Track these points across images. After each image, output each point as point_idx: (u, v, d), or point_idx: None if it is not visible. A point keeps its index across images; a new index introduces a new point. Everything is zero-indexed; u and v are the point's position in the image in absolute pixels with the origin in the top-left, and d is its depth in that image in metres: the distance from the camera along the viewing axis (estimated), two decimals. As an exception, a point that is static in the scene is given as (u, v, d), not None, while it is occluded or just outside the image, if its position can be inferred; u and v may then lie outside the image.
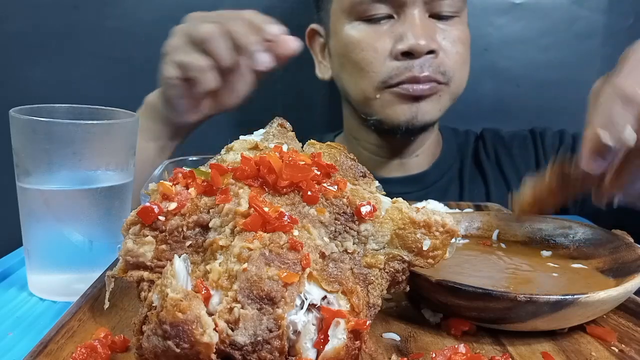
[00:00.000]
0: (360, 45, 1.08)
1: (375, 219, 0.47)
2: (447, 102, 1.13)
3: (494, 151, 1.32)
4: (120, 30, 1.43)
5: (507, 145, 1.31)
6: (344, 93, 1.20)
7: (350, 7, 1.09)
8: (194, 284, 0.41)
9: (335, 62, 1.18)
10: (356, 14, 1.09)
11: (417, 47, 1.04)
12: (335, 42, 1.15)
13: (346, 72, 1.14)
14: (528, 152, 1.29)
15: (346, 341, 0.41)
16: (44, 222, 0.67)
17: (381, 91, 1.09)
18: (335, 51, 1.17)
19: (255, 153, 0.52)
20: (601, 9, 1.47)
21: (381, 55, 1.07)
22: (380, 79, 1.08)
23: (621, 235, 0.64)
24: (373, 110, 1.13)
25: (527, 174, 1.25)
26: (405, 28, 1.05)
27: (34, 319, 0.63)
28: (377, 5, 1.06)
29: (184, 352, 0.37)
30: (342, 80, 1.17)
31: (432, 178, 1.26)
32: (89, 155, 0.67)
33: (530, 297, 0.47)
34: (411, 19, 1.05)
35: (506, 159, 1.30)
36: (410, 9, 1.06)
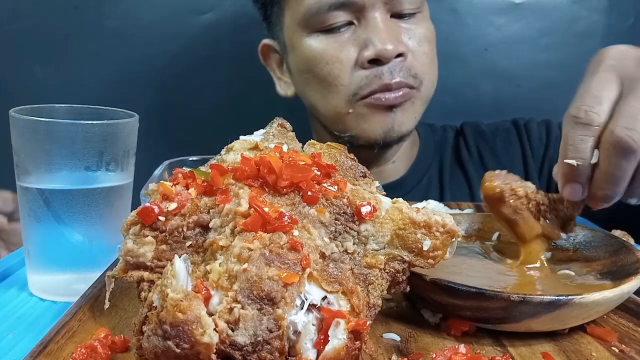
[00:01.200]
0: (323, 59, 1.01)
1: (376, 219, 0.47)
2: (421, 107, 1.07)
3: (475, 147, 1.25)
4: (120, 30, 1.43)
5: (489, 140, 1.25)
6: (312, 110, 1.13)
7: (306, 19, 1.01)
8: (194, 284, 0.41)
9: (298, 79, 1.10)
10: (313, 26, 1.01)
11: (384, 53, 0.97)
12: (294, 58, 1.07)
13: (311, 88, 1.06)
14: (513, 147, 1.23)
15: (346, 341, 0.41)
16: (44, 222, 0.67)
17: (353, 105, 1.02)
18: (296, 67, 1.09)
19: (255, 153, 0.52)
20: (601, 9, 1.47)
21: (347, 66, 1.00)
22: (350, 92, 1.01)
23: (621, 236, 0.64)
24: (346, 127, 1.06)
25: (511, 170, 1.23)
26: (368, 33, 0.99)
27: (34, 319, 0.63)
28: (335, 13, 0.99)
29: (184, 352, 0.37)
30: (308, 97, 1.10)
31: (410, 183, 1.20)
32: (89, 155, 0.67)
33: (523, 297, 0.47)
34: (373, 22, 0.99)
35: (489, 156, 1.23)
36: (370, 12, 0.99)
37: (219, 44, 1.45)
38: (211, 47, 1.45)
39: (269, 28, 1.16)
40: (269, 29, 1.16)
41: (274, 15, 1.11)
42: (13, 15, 1.40)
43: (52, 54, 1.42)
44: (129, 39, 1.43)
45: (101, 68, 1.44)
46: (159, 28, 1.44)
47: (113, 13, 1.42)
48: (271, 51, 1.17)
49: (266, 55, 1.19)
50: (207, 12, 1.44)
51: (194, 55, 1.45)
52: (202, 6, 1.44)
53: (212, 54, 1.45)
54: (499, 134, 1.25)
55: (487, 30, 1.47)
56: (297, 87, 1.14)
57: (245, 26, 1.43)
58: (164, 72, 1.46)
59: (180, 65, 1.46)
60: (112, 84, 1.44)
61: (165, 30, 1.44)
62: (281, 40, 1.11)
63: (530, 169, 1.22)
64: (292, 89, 1.16)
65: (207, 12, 1.44)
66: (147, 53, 1.44)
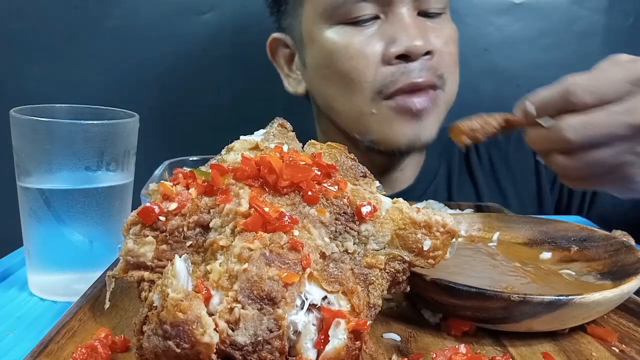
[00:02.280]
0: (347, 53, 0.95)
1: (376, 219, 0.47)
2: (444, 112, 1.03)
3: (487, 154, 1.21)
4: (120, 30, 1.43)
5: (502, 148, 1.21)
6: (328, 109, 1.06)
7: (330, 9, 0.96)
8: (194, 284, 0.41)
9: (314, 75, 1.04)
10: (338, 17, 0.96)
11: (414, 49, 0.93)
12: (313, 52, 1.02)
13: (331, 85, 1.00)
14: (526, 157, 1.18)
15: (346, 341, 0.41)
16: (45, 222, 0.67)
17: (377, 104, 0.97)
18: (314, 62, 1.02)
19: (255, 153, 0.52)
20: (601, 9, 1.47)
21: (372, 62, 0.95)
22: (375, 89, 0.96)
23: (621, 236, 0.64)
24: (368, 129, 1.00)
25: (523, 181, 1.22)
26: (396, 29, 0.94)
27: (34, 319, 0.63)
28: (363, 4, 0.94)
29: (184, 352, 0.38)
30: (325, 95, 1.03)
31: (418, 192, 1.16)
32: (89, 155, 0.67)
33: (524, 297, 0.47)
34: (400, 18, 0.95)
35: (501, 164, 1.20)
36: (398, 7, 0.95)
37: (219, 44, 1.45)
38: (211, 47, 1.45)
39: (279, 21, 1.11)
40: (280, 22, 1.10)
41: (289, 6, 1.06)
42: (13, 15, 1.40)
43: (52, 54, 1.42)
44: (129, 39, 1.43)
45: (101, 68, 1.44)
46: (159, 28, 1.44)
47: (113, 13, 1.42)
48: (280, 46, 1.11)
49: (274, 50, 1.12)
50: (207, 12, 1.44)
51: (194, 55, 1.45)
52: (202, 6, 1.44)
53: (212, 54, 1.45)
54: (512, 142, 1.20)
55: (487, 30, 1.47)
56: (312, 84, 1.07)
57: (245, 26, 1.43)
58: (164, 72, 1.46)
59: (181, 65, 1.46)
60: (112, 84, 1.44)
61: (165, 30, 1.44)
62: (296, 33, 1.06)
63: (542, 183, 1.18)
64: (302, 86, 1.11)
65: (207, 12, 1.44)
66: (147, 53, 1.44)
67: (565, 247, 0.66)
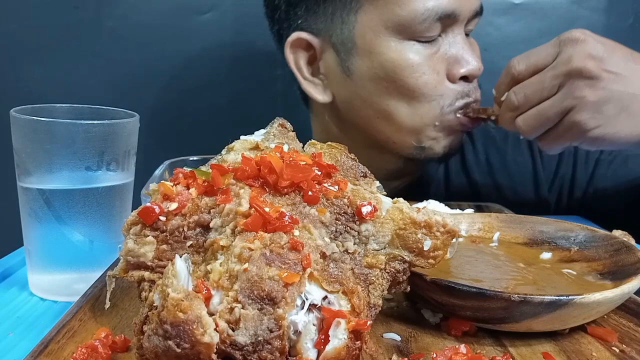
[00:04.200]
0: (419, 69, 0.96)
1: (376, 219, 0.47)
2: None
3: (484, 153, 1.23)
4: (120, 30, 1.43)
5: (500, 147, 1.23)
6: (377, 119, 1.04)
7: (402, 24, 0.95)
8: (194, 284, 0.41)
9: (366, 85, 1.01)
10: (410, 33, 0.96)
11: (476, 72, 1.00)
12: (369, 62, 0.99)
13: (391, 97, 1.00)
14: (523, 157, 1.21)
15: (347, 341, 0.41)
16: (45, 222, 0.67)
17: (443, 117, 1.00)
18: (368, 72, 1.00)
19: (256, 153, 0.52)
20: (601, 9, 1.47)
21: (443, 78, 0.98)
22: (445, 104, 0.99)
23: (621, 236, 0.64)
24: (424, 138, 1.02)
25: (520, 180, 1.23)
26: (457, 49, 0.99)
27: (34, 319, 0.63)
28: (436, 24, 0.95)
29: (184, 352, 0.38)
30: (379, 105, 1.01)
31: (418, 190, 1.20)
32: (90, 155, 0.67)
33: (524, 297, 0.47)
34: (459, 38, 0.99)
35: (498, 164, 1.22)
36: (456, 27, 0.99)
37: (219, 44, 1.45)
38: (211, 47, 1.45)
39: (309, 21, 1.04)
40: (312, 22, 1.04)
41: (332, 9, 1.01)
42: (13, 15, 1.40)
43: (52, 54, 1.42)
44: (129, 39, 1.43)
45: (101, 68, 1.44)
46: (159, 28, 1.44)
47: (113, 13, 1.42)
48: (303, 48, 1.06)
49: (295, 51, 1.06)
50: (207, 12, 1.44)
51: (194, 55, 1.45)
52: (202, 6, 1.44)
53: (212, 54, 1.45)
54: (509, 141, 1.23)
55: (487, 30, 1.47)
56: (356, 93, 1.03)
57: (245, 26, 1.43)
58: (165, 72, 1.46)
59: (181, 65, 1.46)
60: (112, 84, 1.44)
61: (165, 30, 1.44)
62: (341, 39, 1.01)
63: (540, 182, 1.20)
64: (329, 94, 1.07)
65: (207, 12, 1.44)
66: (147, 53, 1.44)
67: (565, 247, 0.66)
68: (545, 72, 0.84)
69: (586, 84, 0.80)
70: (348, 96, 1.05)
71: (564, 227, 0.68)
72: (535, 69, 0.86)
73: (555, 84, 0.83)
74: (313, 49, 1.05)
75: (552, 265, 0.63)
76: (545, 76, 0.84)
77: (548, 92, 0.84)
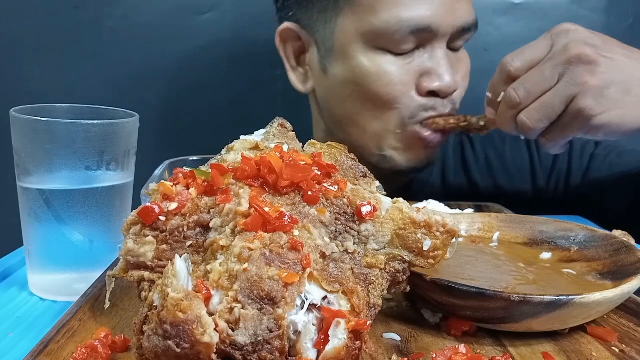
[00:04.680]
0: (385, 79, 0.98)
1: (376, 219, 0.47)
2: None
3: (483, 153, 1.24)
4: (120, 30, 1.43)
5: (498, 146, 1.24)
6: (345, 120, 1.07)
7: (375, 34, 0.97)
8: (194, 284, 0.41)
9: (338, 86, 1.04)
10: (382, 43, 0.97)
11: (446, 90, 0.99)
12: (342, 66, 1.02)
13: (357, 101, 1.02)
14: (522, 155, 1.23)
15: (347, 341, 0.41)
16: (45, 222, 0.67)
17: (404, 127, 1.01)
18: (340, 75, 1.03)
19: (255, 153, 0.52)
20: (601, 9, 1.47)
21: (408, 90, 0.99)
22: (407, 114, 1.00)
23: (621, 236, 0.64)
24: (385, 146, 1.04)
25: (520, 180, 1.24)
26: (433, 64, 0.99)
27: (34, 319, 0.63)
28: (410, 37, 0.96)
29: (184, 352, 0.38)
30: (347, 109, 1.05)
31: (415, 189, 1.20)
32: (90, 155, 0.67)
33: (524, 297, 0.47)
34: (437, 53, 0.99)
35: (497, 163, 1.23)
36: (437, 42, 0.99)
37: (219, 44, 1.45)
38: (211, 47, 1.45)
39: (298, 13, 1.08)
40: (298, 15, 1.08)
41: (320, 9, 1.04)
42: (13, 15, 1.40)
43: (52, 54, 1.42)
44: (129, 39, 1.43)
45: (101, 68, 1.44)
46: (159, 28, 1.44)
47: (113, 13, 1.42)
48: (292, 38, 1.09)
49: (284, 40, 1.10)
50: (207, 12, 1.44)
51: (194, 55, 1.45)
52: (202, 6, 1.44)
53: (212, 53, 1.45)
54: (507, 141, 1.24)
55: (487, 30, 1.47)
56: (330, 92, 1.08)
57: (245, 26, 1.43)
58: (164, 72, 1.46)
59: (181, 65, 1.46)
60: (112, 84, 1.44)
61: (165, 30, 1.44)
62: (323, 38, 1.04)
63: (538, 179, 1.21)
64: (310, 84, 1.11)
65: (207, 12, 1.44)
66: (147, 53, 1.44)
67: (565, 247, 0.66)
68: (544, 64, 0.83)
69: (586, 69, 0.80)
70: (324, 93, 1.09)
71: (563, 227, 0.68)
72: (532, 64, 0.85)
73: (555, 74, 0.81)
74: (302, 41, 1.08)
75: (552, 265, 0.63)
76: (544, 67, 0.83)
77: (549, 83, 0.82)
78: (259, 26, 1.21)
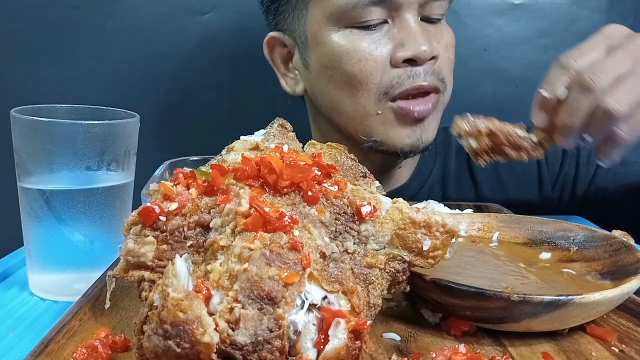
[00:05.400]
0: (356, 55, 0.97)
1: (376, 219, 0.47)
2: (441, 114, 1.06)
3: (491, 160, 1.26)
4: (120, 30, 1.43)
5: None
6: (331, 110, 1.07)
7: (339, 13, 0.97)
8: (195, 284, 0.41)
9: (318, 76, 1.04)
10: (347, 20, 0.97)
11: (422, 54, 0.95)
12: (318, 53, 1.02)
13: (336, 86, 1.02)
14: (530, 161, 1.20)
15: (346, 341, 0.41)
16: (45, 222, 0.67)
17: (382, 105, 0.99)
18: (318, 63, 1.03)
19: (256, 153, 0.52)
20: (601, 9, 1.47)
21: (380, 64, 0.97)
22: (381, 90, 0.98)
23: (621, 236, 0.64)
24: (371, 130, 1.02)
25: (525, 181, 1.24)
26: (404, 34, 0.97)
27: (34, 319, 0.63)
28: (372, 9, 0.95)
29: (184, 352, 0.38)
30: (329, 97, 1.05)
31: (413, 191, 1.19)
32: (90, 155, 0.67)
33: (524, 297, 0.47)
34: (408, 23, 0.97)
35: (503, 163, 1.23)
36: (405, 12, 0.97)
37: (219, 44, 1.45)
38: (211, 47, 1.45)
39: (277, 21, 1.11)
40: (277, 22, 1.11)
41: (290, 7, 1.06)
42: (13, 15, 1.40)
43: (52, 54, 1.42)
44: (129, 39, 1.43)
45: (101, 68, 1.44)
46: (159, 28, 1.44)
47: (113, 13, 1.42)
48: (278, 45, 1.11)
49: (272, 49, 1.12)
50: (207, 12, 1.44)
51: (194, 55, 1.45)
52: (202, 6, 1.44)
53: (212, 53, 1.45)
54: None
55: (486, 31, 1.47)
56: (314, 85, 1.08)
57: (245, 26, 1.43)
58: (165, 72, 1.46)
59: (181, 65, 1.46)
60: (112, 84, 1.44)
61: (165, 30, 1.44)
62: (298, 34, 1.06)
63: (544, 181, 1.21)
64: (301, 86, 1.12)
65: (207, 12, 1.44)
66: (147, 53, 1.44)
67: (565, 247, 0.66)
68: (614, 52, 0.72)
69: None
70: (310, 87, 1.10)
71: (563, 227, 0.68)
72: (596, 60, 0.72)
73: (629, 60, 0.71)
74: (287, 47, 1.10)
75: (551, 265, 0.63)
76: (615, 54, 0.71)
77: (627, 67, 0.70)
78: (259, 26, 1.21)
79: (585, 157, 1.19)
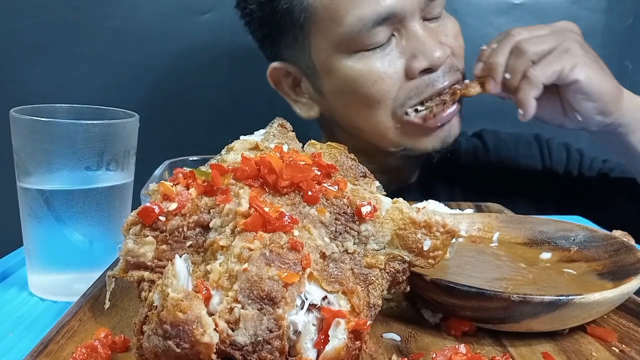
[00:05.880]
0: (371, 77, 0.98)
1: (376, 219, 0.47)
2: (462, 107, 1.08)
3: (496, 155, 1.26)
4: (120, 30, 1.43)
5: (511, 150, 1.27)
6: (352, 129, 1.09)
7: (347, 40, 0.97)
8: (194, 284, 0.41)
9: (334, 101, 1.07)
10: (355, 46, 0.98)
11: (437, 61, 0.97)
12: (331, 81, 1.04)
13: (354, 109, 1.04)
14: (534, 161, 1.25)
15: (346, 341, 0.41)
16: (45, 222, 0.67)
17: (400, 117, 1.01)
18: (332, 89, 1.05)
19: (255, 153, 0.52)
20: (601, 9, 1.47)
21: (397, 80, 0.99)
22: (397, 104, 1.00)
23: (621, 236, 0.64)
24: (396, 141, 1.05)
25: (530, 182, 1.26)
26: (413, 43, 0.98)
27: (34, 319, 0.63)
28: (377, 29, 0.96)
29: (184, 352, 0.38)
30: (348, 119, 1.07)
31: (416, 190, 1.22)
32: (90, 155, 0.67)
33: (524, 297, 0.47)
34: (414, 32, 0.98)
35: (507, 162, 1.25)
36: (409, 22, 0.98)
37: (219, 44, 1.45)
38: (211, 47, 1.45)
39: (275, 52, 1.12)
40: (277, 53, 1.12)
41: (291, 39, 1.06)
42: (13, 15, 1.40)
43: (52, 54, 1.42)
44: (129, 39, 1.43)
45: (101, 68, 1.44)
46: (159, 28, 1.44)
47: (113, 13, 1.42)
48: (282, 75, 1.13)
49: (277, 80, 1.14)
50: (207, 12, 1.44)
51: (194, 55, 1.45)
52: (202, 6, 1.44)
53: (212, 54, 1.45)
54: (520, 146, 1.26)
55: (487, 30, 1.46)
56: (331, 110, 1.10)
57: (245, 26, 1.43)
58: (164, 72, 1.46)
59: (181, 65, 1.46)
60: (112, 84, 1.44)
61: (165, 30, 1.44)
62: (303, 63, 1.07)
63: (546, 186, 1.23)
64: (315, 110, 1.13)
65: (207, 12, 1.44)
66: (147, 53, 1.44)
67: (565, 247, 0.66)
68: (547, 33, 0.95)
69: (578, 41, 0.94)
70: (329, 113, 1.12)
71: (563, 227, 0.68)
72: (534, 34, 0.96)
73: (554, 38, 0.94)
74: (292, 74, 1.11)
75: (552, 265, 0.63)
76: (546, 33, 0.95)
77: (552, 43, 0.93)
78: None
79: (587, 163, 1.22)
